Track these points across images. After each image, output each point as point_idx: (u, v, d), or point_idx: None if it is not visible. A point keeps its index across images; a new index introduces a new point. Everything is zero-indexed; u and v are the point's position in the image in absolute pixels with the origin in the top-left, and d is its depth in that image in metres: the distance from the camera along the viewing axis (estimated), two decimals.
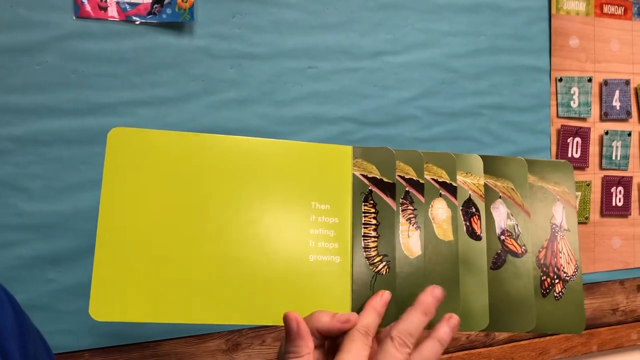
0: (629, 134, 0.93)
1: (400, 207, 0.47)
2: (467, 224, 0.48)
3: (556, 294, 0.49)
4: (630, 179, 0.93)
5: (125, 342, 0.68)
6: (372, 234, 0.46)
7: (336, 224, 0.46)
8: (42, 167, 0.64)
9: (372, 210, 0.47)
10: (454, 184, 0.49)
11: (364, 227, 0.46)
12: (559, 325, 0.48)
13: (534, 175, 0.51)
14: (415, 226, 0.47)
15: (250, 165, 0.46)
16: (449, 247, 0.47)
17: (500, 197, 0.49)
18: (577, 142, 0.90)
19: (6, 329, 0.40)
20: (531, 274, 0.49)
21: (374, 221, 0.46)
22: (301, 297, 0.44)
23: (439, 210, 0.48)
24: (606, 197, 0.92)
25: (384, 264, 0.46)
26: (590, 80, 0.90)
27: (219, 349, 0.72)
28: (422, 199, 0.48)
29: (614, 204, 0.93)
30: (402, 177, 0.48)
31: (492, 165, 0.50)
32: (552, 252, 0.50)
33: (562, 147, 0.90)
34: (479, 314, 0.47)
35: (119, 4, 0.66)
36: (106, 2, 0.65)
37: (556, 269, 0.49)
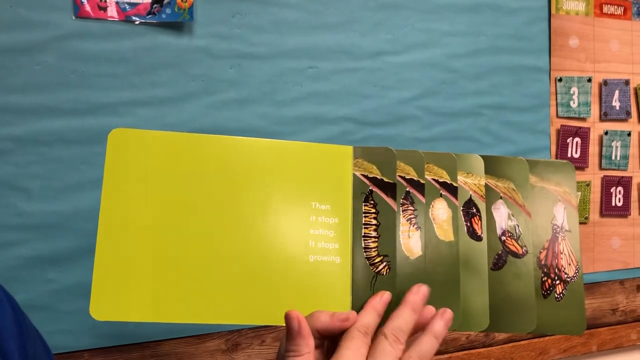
0: (629, 134, 0.93)
1: (400, 208, 0.47)
2: (468, 224, 0.48)
3: (557, 295, 0.49)
4: (629, 179, 0.93)
5: (125, 342, 0.68)
6: (373, 234, 0.46)
7: (336, 224, 0.46)
8: (42, 167, 0.64)
9: (373, 210, 0.47)
10: (454, 185, 0.48)
11: (365, 228, 0.46)
12: (560, 326, 0.48)
13: (535, 175, 0.51)
14: (415, 226, 0.47)
15: (250, 165, 0.46)
16: (450, 248, 0.47)
17: (501, 197, 0.49)
18: (576, 142, 0.90)
19: (5, 329, 0.40)
20: (532, 274, 0.48)
21: (374, 221, 0.46)
22: (301, 297, 0.44)
23: (440, 210, 0.48)
24: (606, 197, 0.92)
25: (385, 264, 0.46)
26: (589, 80, 0.90)
27: (218, 349, 0.72)
28: (422, 200, 0.48)
29: (613, 204, 0.93)
30: (403, 178, 0.47)
31: (493, 165, 0.50)
32: (553, 253, 0.49)
33: (562, 147, 0.90)
34: (479, 315, 0.47)
35: (118, 4, 0.65)
36: (106, 2, 0.65)
37: (557, 270, 0.49)
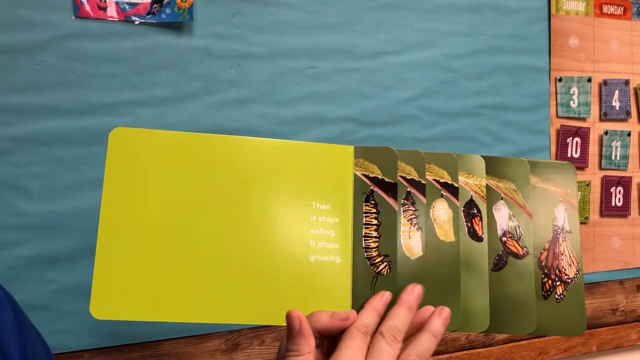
0: (629, 134, 0.93)
1: (401, 208, 0.47)
2: (469, 225, 0.48)
3: (557, 296, 0.49)
4: (629, 179, 0.94)
5: (125, 342, 0.67)
6: (373, 234, 0.46)
7: (337, 224, 0.46)
8: (42, 167, 0.64)
9: (374, 210, 0.46)
10: (455, 185, 0.48)
11: (365, 228, 0.46)
12: (560, 327, 0.48)
13: (536, 176, 0.50)
14: (416, 227, 0.47)
15: (250, 165, 0.46)
16: (450, 248, 0.47)
17: (502, 198, 0.49)
18: (576, 142, 0.90)
19: (5, 329, 0.40)
20: (532, 275, 0.48)
21: (375, 221, 0.46)
22: (301, 297, 0.44)
23: (441, 211, 0.48)
24: (606, 197, 0.92)
25: (385, 264, 0.46)
26: (589, 80, 0.90)
27: (218, 349, 0.72)
28: (423, 200, 0.48)
29: (613, 204, 0.93)
30: (404, 178, 0.47)
31: (494, 166, 0.50)
32: (553, 254, 0.49)
33: (562, 147, 0.90)
34: (479, 315, 0.47)
35: (118, 4, 0.65)
36: (105, 2, 0.65)
37: (558, 271, 0.49)
